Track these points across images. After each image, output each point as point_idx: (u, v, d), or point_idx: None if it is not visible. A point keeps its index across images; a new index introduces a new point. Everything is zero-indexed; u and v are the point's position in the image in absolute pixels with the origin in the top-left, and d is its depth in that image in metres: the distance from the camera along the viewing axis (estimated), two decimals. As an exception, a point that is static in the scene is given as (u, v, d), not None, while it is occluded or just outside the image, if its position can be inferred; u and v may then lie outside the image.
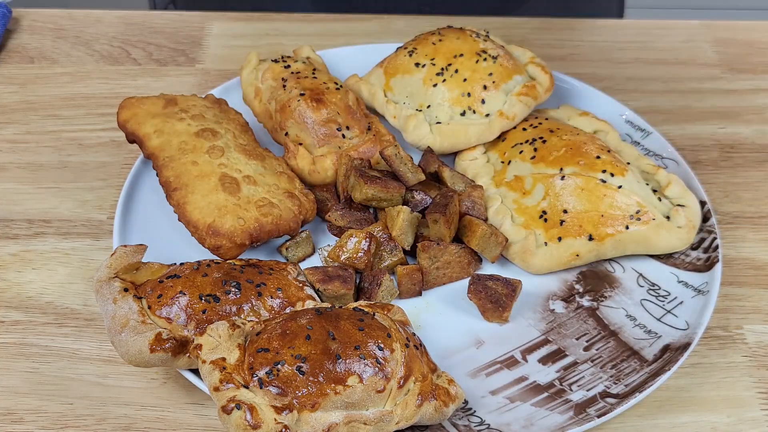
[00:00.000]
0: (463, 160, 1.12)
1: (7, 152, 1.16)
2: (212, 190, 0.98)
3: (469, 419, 0.86)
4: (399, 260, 1.00)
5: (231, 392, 0.78)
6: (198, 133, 1.03)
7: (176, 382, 0.91)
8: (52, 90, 1.26)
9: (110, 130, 1.19)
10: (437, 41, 1.16)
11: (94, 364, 0.92)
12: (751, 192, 1.15)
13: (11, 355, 0.93)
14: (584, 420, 0.85)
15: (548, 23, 1.43)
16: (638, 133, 1.17)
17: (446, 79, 1.12)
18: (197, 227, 0.96)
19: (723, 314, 0.99)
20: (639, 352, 0.92)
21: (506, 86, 1.13)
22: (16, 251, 1.03)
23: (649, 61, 1.36)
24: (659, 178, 1.07)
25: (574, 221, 1.00)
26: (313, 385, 0.78)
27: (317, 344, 0.80)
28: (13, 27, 1.37)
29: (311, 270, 0.96)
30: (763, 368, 0.94)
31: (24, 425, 0.87)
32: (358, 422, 0.79)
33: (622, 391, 0.88)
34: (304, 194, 1.03)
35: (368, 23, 1.40)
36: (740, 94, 1.30)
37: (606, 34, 1.42)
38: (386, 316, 0.88)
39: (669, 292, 0.99)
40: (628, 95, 1.29)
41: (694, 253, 1.02)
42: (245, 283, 0.89)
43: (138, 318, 0.85)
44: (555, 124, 1.11)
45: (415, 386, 0.83)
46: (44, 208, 1.09)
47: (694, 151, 1.20)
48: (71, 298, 0.99)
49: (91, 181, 1.13)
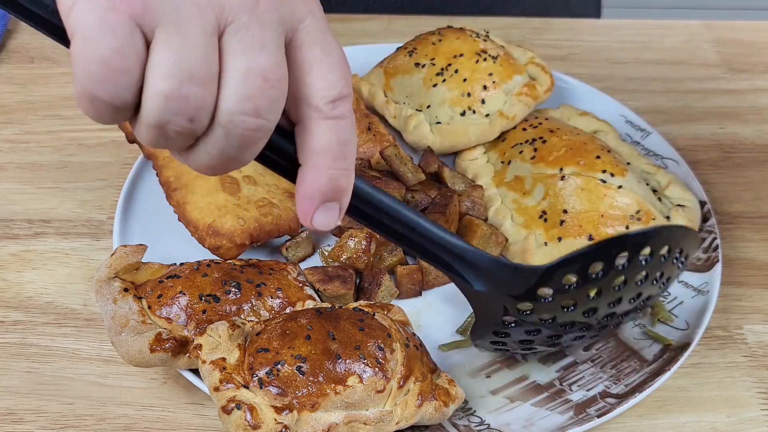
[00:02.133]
0: (463, 160, 1.12)
1: (7, 152, 1.16)
2: (212, 190, 0.98)
3: (469, 419, 0.86)
4: (399, 260, 1.00)
5: (231, 392, 0.78)
6: (198, 133, 1.03)
7: (176, 382, 0.91)
8: (52, 90, 1.26)
9: (110, 130, 1.19)
10: (437, 41, 1.16)
11: (94, 364, 0.92)
12: (751, 192, 1.15)
13: (11, 355, 0.93)
14: (584, 420, 0.85)
15: (548, 23, 1.43)
16: (638, 133, 1.17)
17: (446, 79, 1.12)
18: (197, 227, 0.96)
19: (723, 314, 0.99)
20: (639, 352, 0.92)
21: (506, 86, 1.13)
22: (16, 251, 1.03)
23: (649, 61, 1.36)
24: (659, 178, 1.07)
25: (574, 221, 1.00)
26: (313, 385, 0.78)
27: (317, 344, 0.80)
28: (13, 27, 1.37)
29: (311, 270, 0.96)
30: (763, 368, 0.94)
31: (24, 425, 0.87)
32: (358, 422, 0.80)
33: (622, 391, 0.88)
34: (304, 194, 1.03)
35: (368, 23, 1.40)
36: (740, 94, 1.30)
37: (606, 34, 1.42)
38: (386, 316, 0.88)
39: (669, 292, 0.98)
40: (628, 95, 1.29)
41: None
42: (245, 283, 0.89)
43: (138, 318, 0.85)
44: (555, 124, 1.11)
45: (415, 386, 0.83)
46: (44, 208, 1.09)
47: (694, 151, 1.20)
48: (71, 298, 0.99)
49: (91, 181, 1.13)
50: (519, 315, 0.81)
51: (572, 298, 0.80)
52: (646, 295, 0.84)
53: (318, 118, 0.67)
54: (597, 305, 0.81)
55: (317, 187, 0.68)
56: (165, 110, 0.60)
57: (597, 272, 0.77)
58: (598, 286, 0.79)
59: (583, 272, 0.77)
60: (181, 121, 0.61)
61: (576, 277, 0.78)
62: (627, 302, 0.83)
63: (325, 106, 0.66)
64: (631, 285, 0.81)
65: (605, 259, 0.77)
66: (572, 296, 0.80)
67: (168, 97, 0.60)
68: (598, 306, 0.81)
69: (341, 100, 0.67)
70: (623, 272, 0.79)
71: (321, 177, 0.68)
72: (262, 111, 0.62)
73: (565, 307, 0.81)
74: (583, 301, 0.80)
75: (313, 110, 0.66)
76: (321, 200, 0.69)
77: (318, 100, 0.66)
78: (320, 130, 0.67)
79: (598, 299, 0.81)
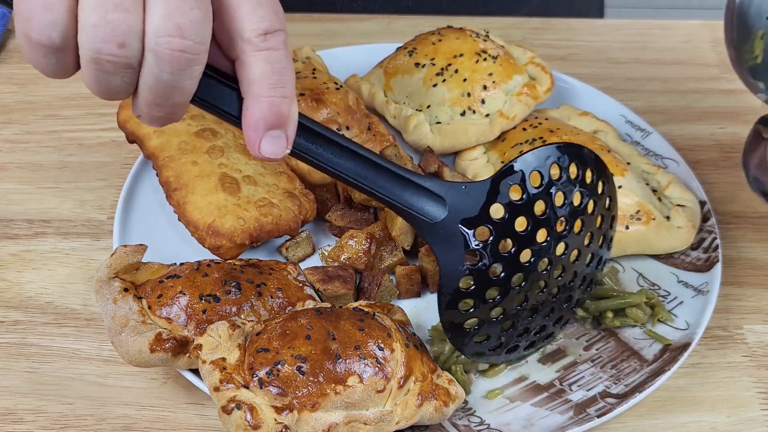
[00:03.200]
0: (463, 160, 1.12)
1: (7, 152, 1.16)
2: (212, 190, 0.98)
3: (469, 419, 0.86)
4: (399, 260, 1.00)
5: (231, 392, 0.78)
6: (198, 133, 1.03)
7: (176, 382, 0.91)
8: (52, 90, 1.26)
9: (110, 130, 1.19)
10: (437, 41, 1.16)
11: (94, 364, 0.92)
12: (751, 192, 1.14)
13: (11, 355, 0.93)
14: (584, 420, 0.85)
15: (548, 23, 1.43)
16: (638, 133, 1.17)
17: (446, 79, 1.12)
18: (197, 227, 0.96)
19: (723, 314, 0.99)
20: (639, 352, 0.92)
21: (506, 86, 1.13)
22: (16, 251, 1.03)
23: (649, 61, 1.36)
24: (659, 178, 1.07)
25: (574, 221, 1.00)
26: (313, 385, 0.78)
27: (317, 344, 0.80)
28: (13, 27, 1.37)
29: (311, 270, 0.96)
30: (763, 368, 0.94)
31: (24, 425, 0.87)
32: (358, 422, 0.80)
33: (622, 391, 0.88)
34: (304, 194, 1.03)
35: (368, 23, 1.40)
36: (740, 94, 1.30)
37: (606, 34, 1.42)
38: (386, 316, 0.88)
39: (669, 292, 0.99)
40: (628, 95, 1.29)
41: (694, 253, 1.02)
42: (245, 283, 0.89)
43: (138, 318, 0.85)
44: (555, 124, 1.11)
45: (415, 386, 0.83)
46: (44, 208, 1.09)
47: (694, 151, 1.20)
48: (71, 298, 0.99)
49: (91, 181, 1.13)
50: (481, 248, 0.83)
51: (522, 214, 0.83)
52: (590, 234, 0.89)
53: (251, 51, 0.72)
54: (548, 232, 0.84)
55: (258, 115, 0.73)
56: (95, 39, 0.65)
57: (537, 185, 0.83)
58: (543, 203, 0.83)
59: (523, 183, 0.82)
60: (112, 48, 0.66)
61: (521, 190, 0.82)
62: (577, 239, 0.87)
63: (256, 39, 0.71)
64: (572, 209, 0.85)
65: (541, 168, 0.83)
66: (522, 212, 0.83)
67: (96, 26, 0.65)
68: (550, 234, 0.84)
69: (272, 33, 0.72)
70: (559, 185, 0.84)
71: (261, 105, 0.73)
72: (185, 31, 0.67)
73: (520, 234, 0.83)
74: (535, 221, 0.83)
75: (246, 43, 0.72)
76: (264, 128, 0.74)
77: (249, 33, 0.71)
78: (255, 61, 0.72)
79: (548, 226, 0.84)
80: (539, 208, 0.83)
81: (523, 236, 0.83)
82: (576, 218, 0.86)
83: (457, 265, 0.83)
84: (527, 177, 0.82)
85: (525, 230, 0.83)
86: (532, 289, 0.86)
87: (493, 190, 0.82)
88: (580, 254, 0.88)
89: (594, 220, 0.88)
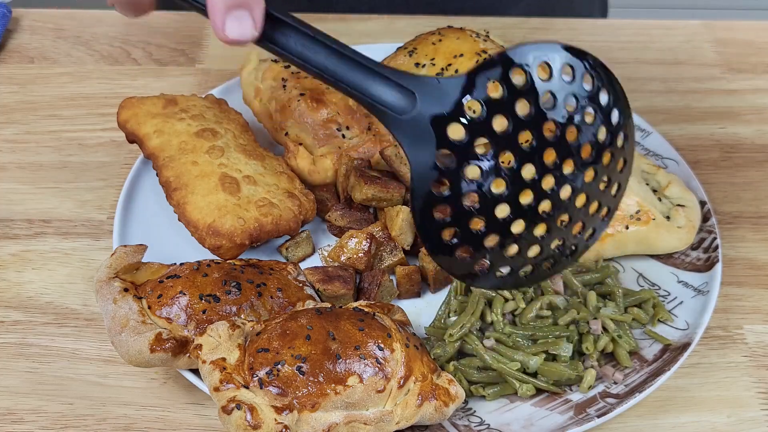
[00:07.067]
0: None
1: (7, 152, 1.16)
2: (212, 190, 0.98)
3: (469, 419, 0.86)
4: (399, 260, 1.00)
5: (231, 392, 0.78)
6: (198, 133, 1.03)
7: (176, 382, 0.91)
8: (52, 90, 1.26)
9: (110, 130, 1.19)
10: (437, 41, 1.16)
11: (94, 364, 0.92)
12: (751, 192, 1.15)
13: (11, 355, 0.93)
14: (584, 420, 0.85)
15: (548, 23, 1.43)
16: (638, 133, 1.17)
17: (446, 79, 1.12)
18: (197, 227, 0.96)
19: (723, 314, 0.99)
20: (639, 352, 0.92)
21: (506, 86, 1.13)
22: (16, 251, 1.03)
23: (649, 61, 1.36)
24: (659, 178, 1.07)
25: (574, 221, 1.00)
26: (313, 385, 0.78)
27: (317, 344, 0.80)
28: (13, 27, 1.37)
29: (311, 270, 0.96)
30: (763, 368, 0.94)
31: (24, 425, 0.87)
32: (359, 422, 0.80)
33: (622, 391, 0.88)
34: (304, 194, 1.03)
35: (368, 23, 1.40)
36: (740, 94, 1.30)
37: (606, 34, 1.42)
38: (386, 316, 0.88)
39: (669, 292, 0.99)
40: (628, 95, 1.28)
41: (694, 253, 1.02)
42: (245, 283, 0.89)
43: (138, 318, 0.85)
44: (555, 124, 1.10)
45: (415, 386, 0.83)
46: (44, 208, 1.09)
47: (694, 151, 1.20)
48: (71, 298, 0.99)
49: (91, 181, 1.13)
50: (454, 146, 0.73)
51: (501, 111, 0.73)
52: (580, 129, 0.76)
53: None
54: (534, 136, 0.74)
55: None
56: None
57: (521, 84, 0.73)
58: (526, 102, 0.73)
59: (506, 79, 0.72)
60: None
61: (502, 88, 0.72)
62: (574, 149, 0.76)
63: None
64: (560, 111, 0.74)
65: (527, 64, 0.72)
66: (501, 108, 0.73)
67: None
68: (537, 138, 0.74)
69: None
70: (546, 83, 0.73)
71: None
72: None
73: (499, 135, 0.73)
74: (518, 122, 0.73)
75: None
76: (226, 7, 0.74)
77: None
78: None
79: (535, 129, 0.74)
80: (522, 109, 0.73)
81: (501, 137, 0.73)
82: (573, 126, 0.75)
83: (427, 165, 0.74)
84: (510, 73, 0.72)
85: (505, 131, 0.73)
86: (517, 199, 0.75)
87: (469, 84, 0.72)
88: (579, 168, 0.76)
89: (595, 133, 0.76)
